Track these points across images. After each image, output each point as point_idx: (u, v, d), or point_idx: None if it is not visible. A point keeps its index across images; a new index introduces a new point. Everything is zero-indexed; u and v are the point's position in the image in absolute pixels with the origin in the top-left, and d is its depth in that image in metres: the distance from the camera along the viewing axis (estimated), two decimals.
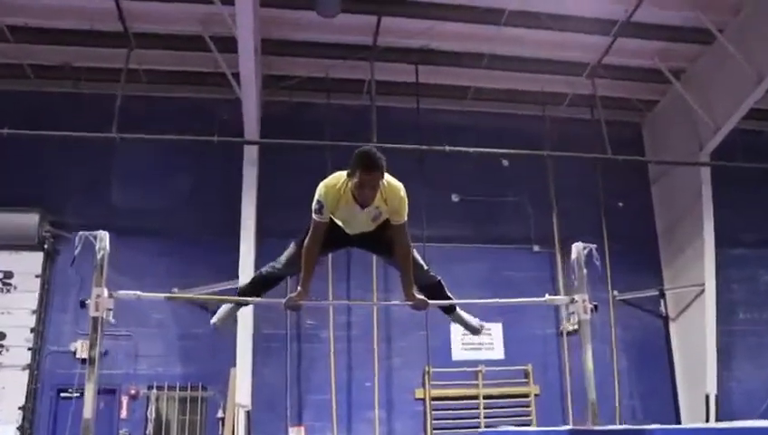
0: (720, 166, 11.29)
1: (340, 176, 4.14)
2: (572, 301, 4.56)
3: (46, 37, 10.01)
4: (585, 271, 4.56)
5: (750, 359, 11.92)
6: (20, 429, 9.63)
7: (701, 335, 11.11)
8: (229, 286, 9.84)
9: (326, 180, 4.18)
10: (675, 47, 10.94)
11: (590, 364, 4.38)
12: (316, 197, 4.14)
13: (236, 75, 9.55)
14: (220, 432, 9.82)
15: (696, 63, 11.22)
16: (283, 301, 4.37)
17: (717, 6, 10.12)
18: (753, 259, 12.38)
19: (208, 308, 10.30)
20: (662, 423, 7.41)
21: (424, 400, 10.72)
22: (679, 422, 10.99)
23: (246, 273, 9.69)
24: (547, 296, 5.00)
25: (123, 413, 9.96)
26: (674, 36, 10.67)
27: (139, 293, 4.29)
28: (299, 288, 4.36)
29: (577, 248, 4.58)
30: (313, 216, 4.17)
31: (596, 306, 4.61)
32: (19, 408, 9.72)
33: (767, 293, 12.40)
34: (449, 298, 4.67)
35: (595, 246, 4.67)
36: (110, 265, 8.68)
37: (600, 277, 11.71)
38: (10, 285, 10.25)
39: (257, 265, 9.94)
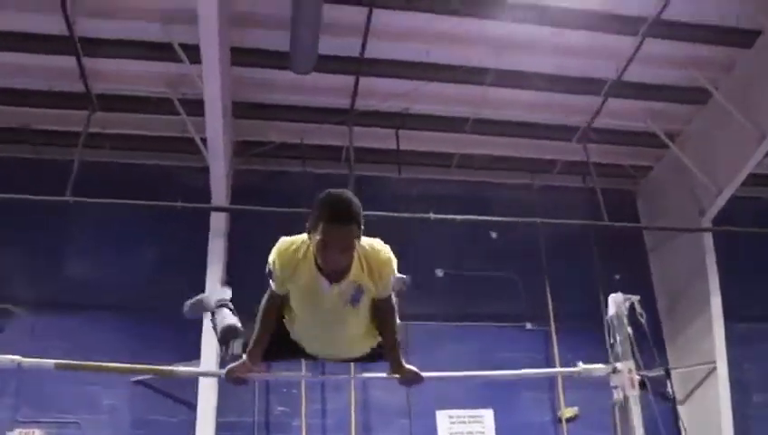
0: (723, 235, 10.64)
1: (303, 237, 3.10)
2: (614, 371, 3.50)
3: (4, 97, 9.44)
4: (629, 330, 3.57)
5: None
6: None
7: (715, 419, 10.08)
8: (190, 368, 8.93)
9: (281, 240, 3.19)
10: (668, 108, 10.46)
11: None
12: (269, 259, 3.16)
13: (205, 141, 8.99)
14: None
15: (692, 124, 10.72)
16: (223, 372, 3.52)
17: (710, 63, 9.70)
18: (765, 335, 11.48)
19: (167, 393, 9.42)
20: None
21: None
22: None
23: (209, 354, 8.81)
24: (581, 366, 3.83)
25: None
26: (667, 96, 10.23)
27: (19, 358, 3.41)
28: (243, 356, 3.48)
29: (616, 301, 3.63)
30: (270, 280, 3.25)
31: (643, 380, 3.59)
32: None
33: None
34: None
35: (638, 297, 3.76)
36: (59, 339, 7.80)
37: (598, 354, 10.96)
38: None
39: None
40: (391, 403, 9.65)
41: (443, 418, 10.05)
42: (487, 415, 10.20)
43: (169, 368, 3.58)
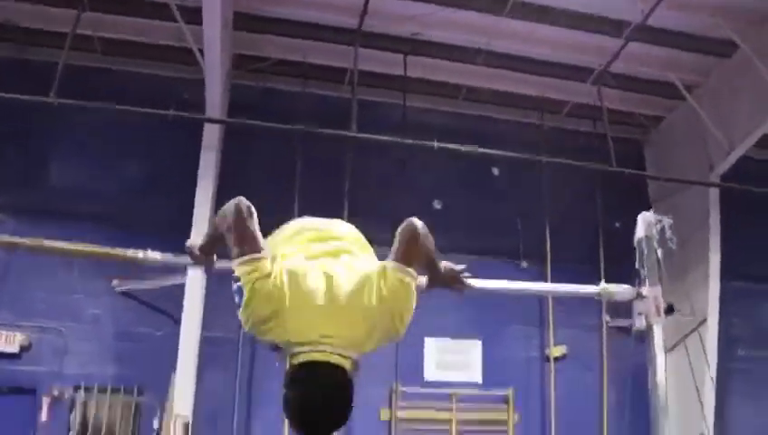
0: (729, 193, 10.40)
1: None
2: (639, 296, 3.24)
3: None
4: (659, 253, 3.31)
5: (747, 399, 10.94)
6: None
7: (699, 371, 10.06)
8: (177, 281, 8.83)
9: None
10: (689, 58, 9.98)
11: (661, 380, 3.12)
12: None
13: (203, 52, 8.53)
14: None
15: (711, 77, 10.29)
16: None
17: (740, 14, 9.13)
18: (758, 294, 11.44)
19: (152, 305, 9.36)
20: None
21: (390, 422, 9.62)
22: None
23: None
24: (602, 285, 3.54)
25: (43, 417, 8.79)
26: (690, 45, 9.72)
27: None
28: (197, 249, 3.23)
29: (645, 220, 3.36)
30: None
31: (671, 306, 3.36)
32: None
33: None
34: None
35: (670, 221, 3.50)
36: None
37: (590, 300, 10.86)
38: None
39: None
40: None
41: (431, 346, 10.06)
42: (475, 346, 10.22)
43: (142, 254, 3.35)
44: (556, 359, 10.29)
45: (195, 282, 8.56)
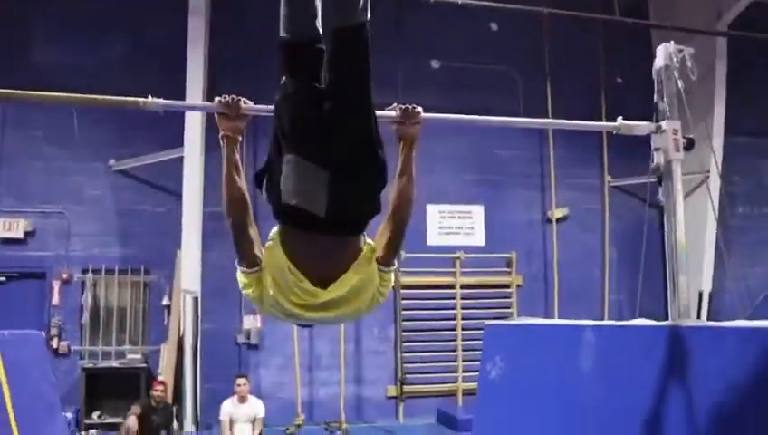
0: (737, 43, 9.93)
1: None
2: (659, 130, 3.07)
3: None
4: (681, 85, 3.11)
5: (746, 256, 11.08)
6: None
7: (699, 228, 10.15)
8: (174, 155, 8.63)
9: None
10: None
11: (680, 233, 3.01)
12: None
13: None
14: (166, 321, 8.80)
15: None
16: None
17: None
18: (759, 150, 11.25)
19: (151, 183, 9.20)
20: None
21: (394, 288, 9.70)
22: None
23: (192, 141, 8.46)
24: (621, 121, 3.36)
25: (55, 300, 8.84)
26: None
27: None
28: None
29: (666, 51, 3.13)
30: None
31: (691, 140, 3.19)
32: None
33: None
34: None
35: (691, 50, 3.26)
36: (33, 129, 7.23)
37: (593, 158, 10.77)
38: None
39: (206, 135, 8.68)
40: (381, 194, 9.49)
41: (433, 211, 10.03)
42: (477, 211, 10.20)
43: (142, 101, 3.08)
44: (558, 220, 10.27)
45: (192, 156, 8.37)
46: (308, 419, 8.60)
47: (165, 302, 8.90)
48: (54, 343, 8.71)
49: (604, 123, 3.07)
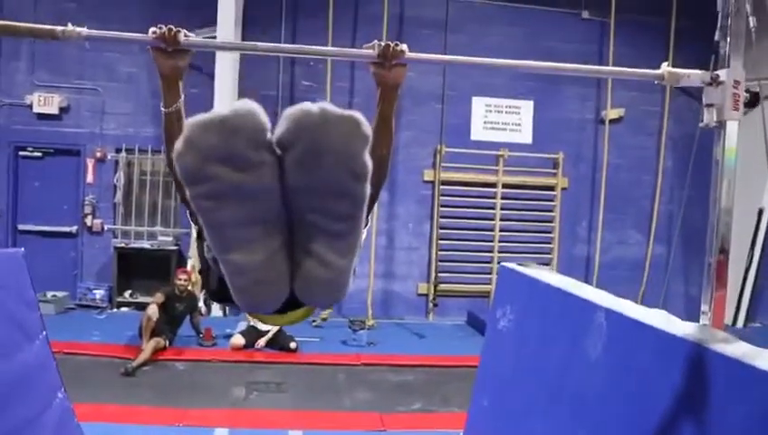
0: None
1: None
2: (714, 81, 2.30)
3: None
4: (752, 22, 2.33)
5: None
6: None
7: (760, 146, 9.36)
8: (208, 35, 8.19)
9: None
10: None
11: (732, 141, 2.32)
12: None
13: None
14: None
15: None
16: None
17: None
18: None
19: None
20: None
21: (433, 183, 9.39)
22: None
23: (226, 20, 8.01)
24: (665, 68, 2.58)
25: (89, 178, 8.80)
26: None
27: None
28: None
29: None
30: None
31: (755, 96, 2.46)
32: None
33: None
34: None
35: None
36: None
37: (659, 55, 9.89)
38: None
39: (241, 14, 8.21)
40: (426, 87, 9.00)
41: (479, 105, 9.45)
42: (526, 106, 9.59)
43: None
44: (612, 121, 9.57)
45: (226, 35, 7.95)
46: (336, 312, 8.55)
47: None
48: (88, 221, 8.76)
49: (645, 71, 2.31)
